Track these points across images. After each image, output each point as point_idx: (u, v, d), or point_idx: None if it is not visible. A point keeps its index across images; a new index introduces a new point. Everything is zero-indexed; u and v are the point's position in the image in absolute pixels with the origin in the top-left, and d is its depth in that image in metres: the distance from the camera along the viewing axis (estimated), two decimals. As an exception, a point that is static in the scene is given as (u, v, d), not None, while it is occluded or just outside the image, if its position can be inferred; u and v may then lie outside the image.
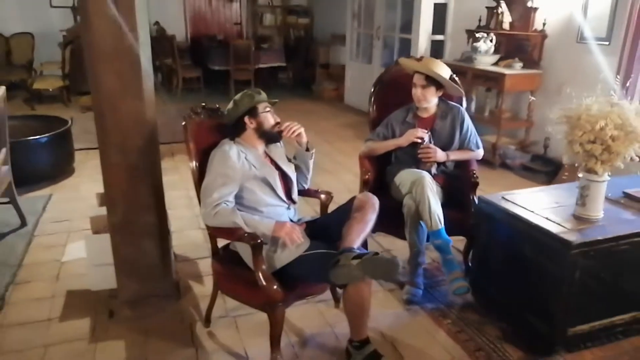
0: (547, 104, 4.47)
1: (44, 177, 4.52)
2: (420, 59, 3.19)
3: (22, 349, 2.42)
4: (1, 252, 3.30)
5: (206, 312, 2.58)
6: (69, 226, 3.72)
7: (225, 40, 9.54)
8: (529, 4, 5.03)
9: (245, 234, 2.15)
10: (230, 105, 2.42)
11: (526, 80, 4.98)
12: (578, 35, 4.68)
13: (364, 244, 2.37)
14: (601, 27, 4.46)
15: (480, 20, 5.64)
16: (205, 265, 3.12)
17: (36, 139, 4.40)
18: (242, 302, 2.39)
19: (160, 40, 8.99)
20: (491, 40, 5.25)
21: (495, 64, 5.28)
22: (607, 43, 4.42)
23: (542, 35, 4.98)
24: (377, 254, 2.06)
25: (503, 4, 5.27)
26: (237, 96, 2.41)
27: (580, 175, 2.39)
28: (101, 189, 2.62)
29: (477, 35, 5.32)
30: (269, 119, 2.41)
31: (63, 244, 3.44)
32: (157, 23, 9.36)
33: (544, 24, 4.96)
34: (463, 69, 5.48)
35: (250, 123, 2.39)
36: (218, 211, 2.19)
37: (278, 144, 2.53)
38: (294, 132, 2.45)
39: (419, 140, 2.93)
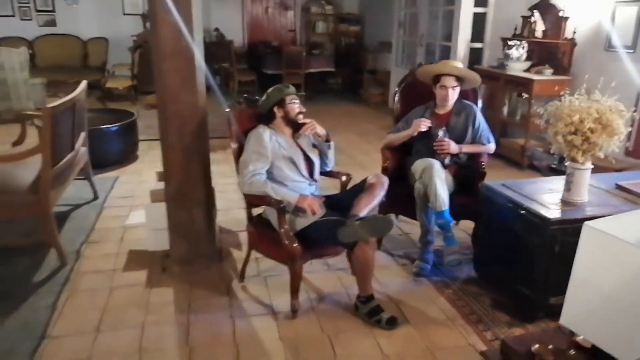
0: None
1: (113, 161, 5.20)
2: (436, 63, 3.58)
3: (93, 289, 3.00)
4: (77, 219, 3.95)
5: (241, 270, 3.08)
6: (132, 201, 4.34)
7: (279, 46, 10.14)
8: (561, 14, 5.28)
9: (273, 200, 2.62)
10: (264, 97, 2.91)
11: (555, 85, 5.21)
12: (606, 43, 4.90)
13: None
14: (627, 35, 4.67)
15: (515, 29, 5.92)
16: (245, 237, 3.60)
17: (108, 127, 5.09)
18: (269, 257, 2.87)
19: (220, 45, 9.71)
20: (523, 48, 5.52)
21: (527, 70, 5.54)
22: (632, 51, 4.63)
23: (572, 43, 5.21)
24: (375, 216, 2.49)
25: (536, 14, 5.53)
26: (269, 90, 2.90)
27: (566, 164, 2.71)
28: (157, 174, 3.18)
29: (510, 42, 5.61)
30: (295, 109, 2.88)
31: (127, 214, 4.04)
32: (217, 29, 10.10)
33: (574, 33, 5.19)
34: (496, 75, 5.79)
35: (278, 112, 2.87)
36: (252, 181, 2.68)
37: (307, 133, 2.98)
38: (311, 129, 2.89)
39: (424, 129, 3.30)
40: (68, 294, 2.94)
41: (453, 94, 3.38)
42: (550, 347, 1.69)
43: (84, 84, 3.91)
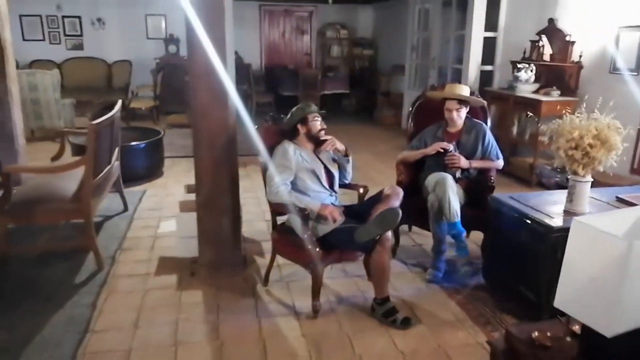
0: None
1: (140, 176, 5.49)
2: (443, 87, 3.84)
3: (129, 290, 3.25)
4: (110, 228, 4.22)
5: (265, 274, 3.32)
6: (160, 213, 4.61)
7: (295, 69, 10.52)
8: (567, 38, 5.53)
9: (298, 208, 2.87)
10: (288, 115, 3.18)
11: (562, 106, 5.39)
12: (611, 66, 5.13)
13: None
14: (631, 59, 4.90)
15: (524, 52, 6.18)
16: (267, 246, 3.85)
17: (136, 144, 5.40)
18: (292, 261, 3.12)
19: (238, 68, 10.04)
20: (531, 70, 5.77)
21: (536, 91, 5.77)
22: (636, 73, 4.85)
23: (579, 66, 5.45)
24: (382, 212, 2.74)
25: (544, 38, 5.79)
26: (294, 108, 3.17)
27: (569, 177, 2.93)
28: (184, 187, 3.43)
29: (519, 65, 5.86)
30: (317, 126, 3.14)
31: (155, 225, 4.31)
32: (235, 52, 10.48)
33: (580, 56, 5.43)
34: (506, 96, 6.04)
35: (302, 129, 3.14)
36: (279, 191, 2.94)
37: (329, 149, 3.23)
38: (331, 146, 3.15)
39: (442, 150, 3.55)
40: (106, 294, 3.20)
41: (458, 115, 3.62)
42: (548, 334, 1.90)
43: (119, 103, 4.22)
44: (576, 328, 1.87)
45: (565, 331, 1.89)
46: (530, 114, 5.65)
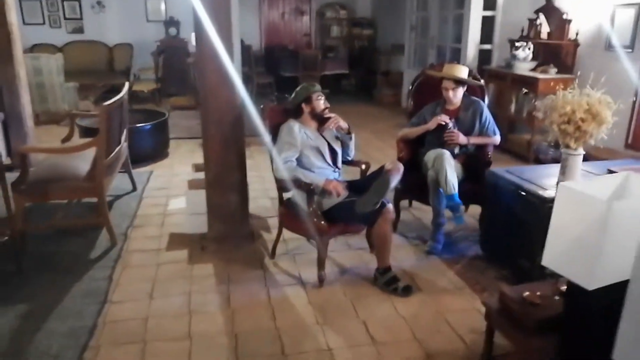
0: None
1: (147, 157, 5.62)
2: (441, 65, 3.95)
3: (142, 264, 3.41)
4: (121, 207, 4.37)
5: (272, 247, 3.47)
6: (167, 192, 4.75)
7: (295, 50, 10.56)
8: (564, 16, 5.62)
9: (303, 183, 3.01)
10: (293, 94, 3.30)
11: (559, 84, 5.51)
12: (606, 44, 5.22)
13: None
14: (626, 36, 4.99)
15: (522, 31, 6.26)
16: (272, 222, 4.01)
17: (142, 126, 5.52)
18: (298, 233, 3.27)
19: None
20: (529, 49, 5.86)
21: (533, 69, 5.87)
22: (630, 50, 4.95)
23: (575, 44, 5.54)
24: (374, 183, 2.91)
25: (542, 16, 5.87)
26: (298, 88, 3.29)
27: (562, 150, 3.06)
28: (189, 167, 3.54)
29: (517, 44, 5.95)
30: (320, 105, 3.26)
31: (164, 203, 4.46)
32: (236, 34, 10.54)
33: (576, 34, 5.52)
34: (504, 74, 6.14)
35: (306, 108, 3.26)
36: (285, 167, 3.07)
37: (331, 127, 3.36)
38: (334, 124, 3.28)
39: (443, 123, 3.67)
40: (121, 268, 3.35)
41: (454, 94, 3.74)
42: (538, 293, 2.05)
43: (126, 85, 4.32)
44: (563, 287, 2.02)
45: (553, 291, 2.05)
46: (527, 91, 5.77)
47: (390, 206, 3.08)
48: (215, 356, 2.50)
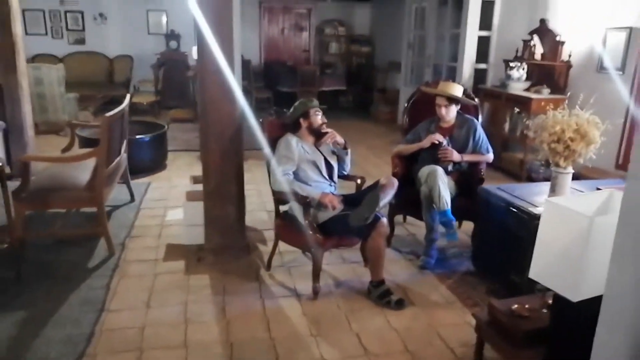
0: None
1: (145, 168, 5.68)
2: (437, 83, 4.05)
3: (140, 274, 3.45)
4: (119, 217, 4.42)
5: (268, 259, 3.53)
6: (165, 203, 4.81)
7: (294, 65, 10.70)
8: (558, 38, 5.75)
9: (300, 196, 3.08)
10: (291, 109, 3.38)
11: (551, 104, 5.64)
12: (598, 65, 5.35)
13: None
14: (617, 58, 5.12)
15: (517, 52, 6.39)
16: (268, 234, 4.07)
17: (141, 137, 5.59)
18: (294, 245, 3.34)
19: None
20: (523, 69, 5.99)
21: (527, 89, 6.00)
22: (622, 72, 5.08)
23: (568, 65, 5.67)
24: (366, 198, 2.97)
25: (536, 38, 6.01)
26: (296, 103, 3.38)
27: (552, 169, 3.15)
28: (187, 179, 3.60)
29: (511, 64, 6.08)
30: (318, 120, 3.35)
31: (162, 214, 4.52)
32: (236, 49, 10.68)
33: (569, 56, 5.66)
34: (498, 93, 6.27)
35: (304, 123, 3.35)
36: (282, 180, 3.14)
37: (328, 142, 3.44)
38: (331, 139, 3.37)
39: (437, 142, 3.75)
40: (118, 277, 3.40)
41: (447, 112, 3.83)
42: (526, 306, 2.12)
43: (128, 97, 4.40)
44: (551, 300, 2.09)
45: (541, 304, 2.12)
46: (520, 110, 5.89)
47: (385, 220, 3.15)
48: (210, 365, 2.55)
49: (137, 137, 5.56)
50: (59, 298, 3.09)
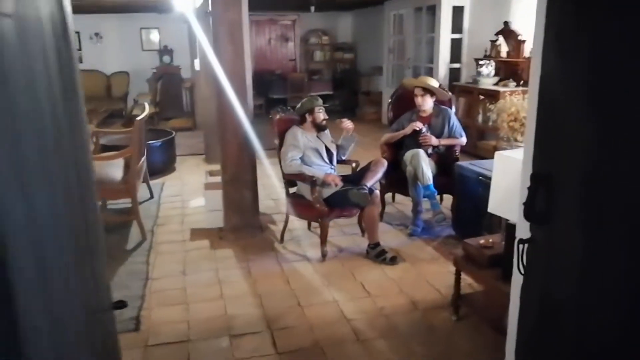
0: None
1: (158, 170, 6.28)
2: (417, 77, 4.74)
3: (172, 251, 4.07)
4: (143, 210, 4.98)
5: (281, 233, 4.18)
6: (181, 198, 5.43)
7: (283, 73, 11.38)
8: (519, 38, 6.50)
9: (307, 175, 3.73)
10: (299, 105, 4.05)
11: (517, 95, 6.38)
12: (556, 60, 6.08)
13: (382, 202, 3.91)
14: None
15: (485, 51, 7.13)
16: (276, 217, 4.71)
17: (154, 142, 6.20)
18: (304, 217, 4.03)
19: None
20: (492, 66, 6.73)
21: (496, 84, 6.73)
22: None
23: (529, 61, 6.39)
24: (365, 190, 3.61)
25: (501, 38, 6.75)
26: (304, 99, 4.05)
27: (512, 143, 3.83)
28: (197, 177, 4.23)
29: (481, 62, 6.82)
30: (320, 116, 4.01)
31: (181, 206, 5.13)
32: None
33: (530, 52, 6.38)
34: (471, 89, 6.99)
35: (309, 117, 4.00)
36: (292, 164, 3.79)
37: (327, 131, 4.10)
38: (348, 127, 4.04)
39: (417, 129, 4.43)
40: (155, 255, 4.01)
41: (423, 101, 4.49)
42: (490, 240, 2.78)
43: (147, 106, 5.02)
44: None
45: (501, 238, 2.78)
46: (491, 103, 6.60)
47: (377, 193, 3.83)
48: (246, 309, 3.17)
49: (150, 142, 6.15)
50: (109, 272, 3.68)
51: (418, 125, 4.44)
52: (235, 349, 2.77)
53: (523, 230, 1.63)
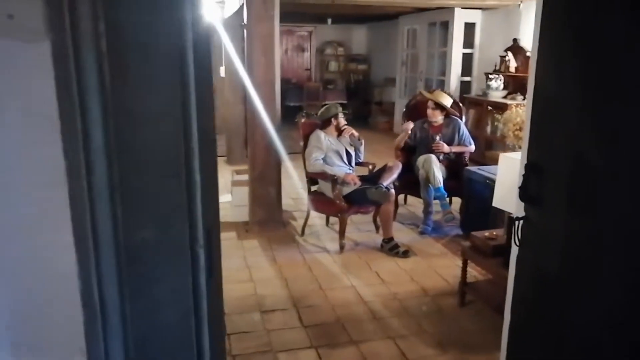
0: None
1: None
2: (433, 91, 5.14)
3: (203, 240, 4.45)
4: (173, 204, 5.42)
5: (302, 228, 4.55)
6: (208, 195, 5.82)
7: (299, 83, 11.81)
8: (528, 54, 6.87)
9: (329, 174, 4.12)
10: (324, 110, 4.45)
11: (524, 107, 6.75)
12: (561, 76, 6.45)
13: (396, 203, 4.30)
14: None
15: (495, 66, 7.51)
16: (297, 214, 5.09)
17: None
18: (324, 213, 4.41)
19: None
20: (500, 80, 7.11)
21: (504, 97, 7.10)
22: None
23: (537, 76, 6.77)
24: (382, 189, 4.00)
25: (510, 54, 7.13)
26: (329, 104, 4.47)
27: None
28: (220, 179, 4.64)
29: (491, 76, 7.20)
30: (342, 121, 4.41)
31: (208, 202, 5.52)
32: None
33: (538, 69, 6.76)
34: (481, 101, 7.37)
35: (334, 121, 4.40)
36: (315, 164, 4.19)
37: (346, 135, 4.49)
38: (348, 132, 4.43)
39: (410, 131, 4.81)
40: (187, 243, 4.38)
41: (433, 115, 4.88)
42: (495, 233, 3.15)
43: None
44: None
45: (504, 231, 3.14)
46: (499, 115, 6.96)
47: (392, 191, 4.20)
48: (274, 290, 3.55)
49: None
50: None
51: (408, 127, 4.84)
52: (266, 322, 3.14)
53: (519, 209, 1.99)
